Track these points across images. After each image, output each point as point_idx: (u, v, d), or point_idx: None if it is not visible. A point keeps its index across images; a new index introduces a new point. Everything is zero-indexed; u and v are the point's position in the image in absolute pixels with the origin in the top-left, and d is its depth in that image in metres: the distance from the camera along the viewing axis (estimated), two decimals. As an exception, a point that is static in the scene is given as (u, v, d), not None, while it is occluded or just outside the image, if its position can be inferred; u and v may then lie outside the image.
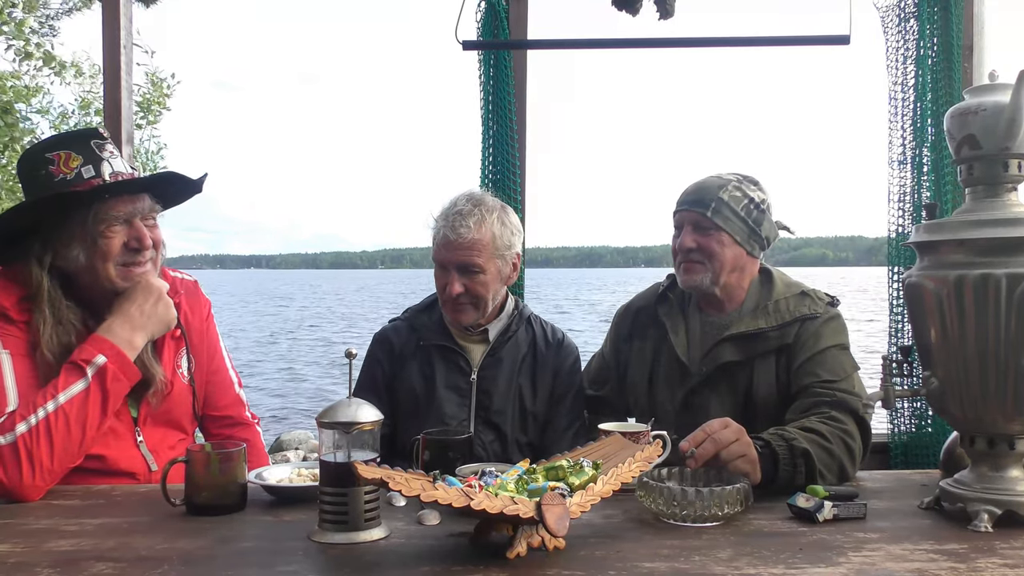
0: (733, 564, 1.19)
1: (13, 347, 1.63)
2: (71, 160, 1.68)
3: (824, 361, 1.83)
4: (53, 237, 1.68)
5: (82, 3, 7.41)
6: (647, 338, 2.07)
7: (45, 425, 1.51)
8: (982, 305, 1.34)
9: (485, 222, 1.97)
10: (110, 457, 1.71)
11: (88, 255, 1.68)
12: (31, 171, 1.71)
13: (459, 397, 2.02)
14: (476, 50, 2.69)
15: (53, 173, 1.67)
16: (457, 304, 1.99)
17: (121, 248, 1.69)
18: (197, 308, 1.96)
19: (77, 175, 1.68)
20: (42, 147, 1.74)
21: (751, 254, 1.95)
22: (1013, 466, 1.42)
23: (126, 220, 1.70)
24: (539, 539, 1.21)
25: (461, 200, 2.01)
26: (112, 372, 1.59)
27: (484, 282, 1.98)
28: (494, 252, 1.98)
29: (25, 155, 1.81)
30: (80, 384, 1.56)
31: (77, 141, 1.72)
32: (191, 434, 1.94)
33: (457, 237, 1.95)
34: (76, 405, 1.55)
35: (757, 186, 1.96)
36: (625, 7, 2.45)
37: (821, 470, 1.60)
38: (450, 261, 1.97)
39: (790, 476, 1.58)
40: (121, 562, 1.19)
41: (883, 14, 2.73)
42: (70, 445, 1.54)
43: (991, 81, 1.44)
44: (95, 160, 1.70)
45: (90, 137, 1.73)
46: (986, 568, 1.18)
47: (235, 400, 2.03)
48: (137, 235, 1.71)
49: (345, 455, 1.31)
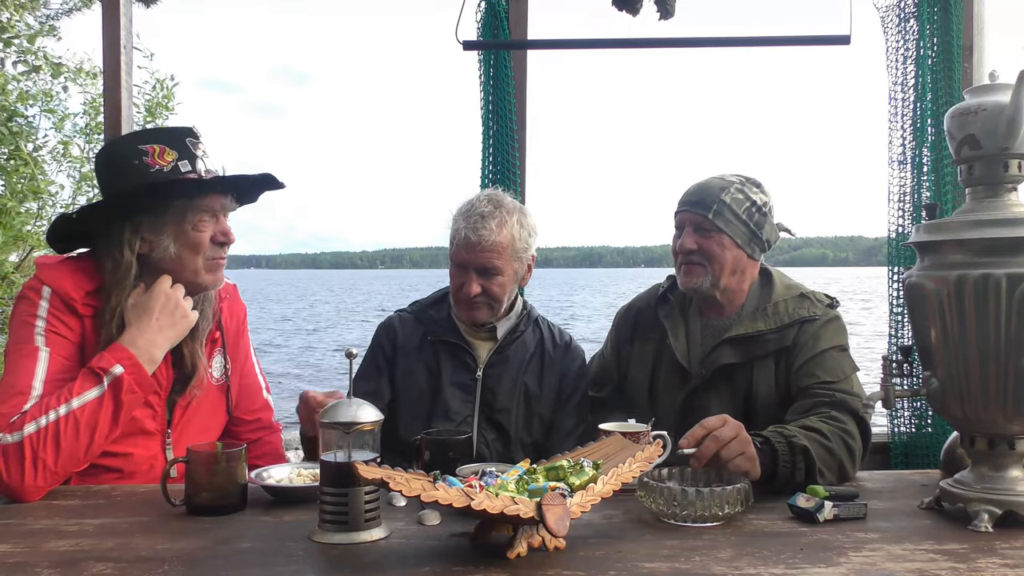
0: (733, 564, 1.19)
1: (56, 346, 1.62)
2: (166, 154, 1.69)
3: (823, 362, 1.83)
4: (144, 225, 1.69)
5: (82, 3, 7.40)
6: (647, 340, 2.07)
7: (55, 428, 1.51)
8: (982, 305, 1.34)
9: (506, 224, 1.98)
10: (137, 456, 1.71)
11: (179, 246, 1.70)
12: (121, 160, 1.70)
13: (464, 393, 2.03)
14: (476, 50, 2.69)
15: (148, 164, 1.68)
16: (472, 304, 2.00)
17: (209, 242, 1.72)
18: (235, 312, 1.98)
19: (174, 168, 1.69)
20: (132, 139, 1.75)
21: (751, 257, 1.95)
22: (1013, 466, 1.42)
23: (214, 215, 1.74)
24: (539, 539, 1.21)
25: (481, 201, 2.01)
26: (128, 384, 1.56)
27: (502, 283, 1.99)
28: (513, 254, 1.99)
29: (111, 146, 1.83)
30: (95, 391, 1.55)
31: (171, 137, 1.73)
32: (216, 438, 1.95)
33: (479, 239, 1.95)
34: (88, 412, 1.53)
35: (759, 188, 1.95)
36: (625, 7, 2.45)
37: (821, 468, 1.60)
38: (470, 262, 1.98)
39: (789, 473, 1.58)
40: (121, 562, 1.19)
41: (883, 14, 2.74)
42: (76, 450, 1.53)
43: (991, 81, 1.44)
44: (190, 156, 1.72)
45: (184, 135, 1.75)
46: (986, 568, 1.18)
47: (264, 404, 2.05)
48: (223, 229, 1.76)
49: (345, 455, 1.31)
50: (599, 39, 2.68)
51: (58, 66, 6.84)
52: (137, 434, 1.71)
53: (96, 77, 7.05)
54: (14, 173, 6.48)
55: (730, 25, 52.04)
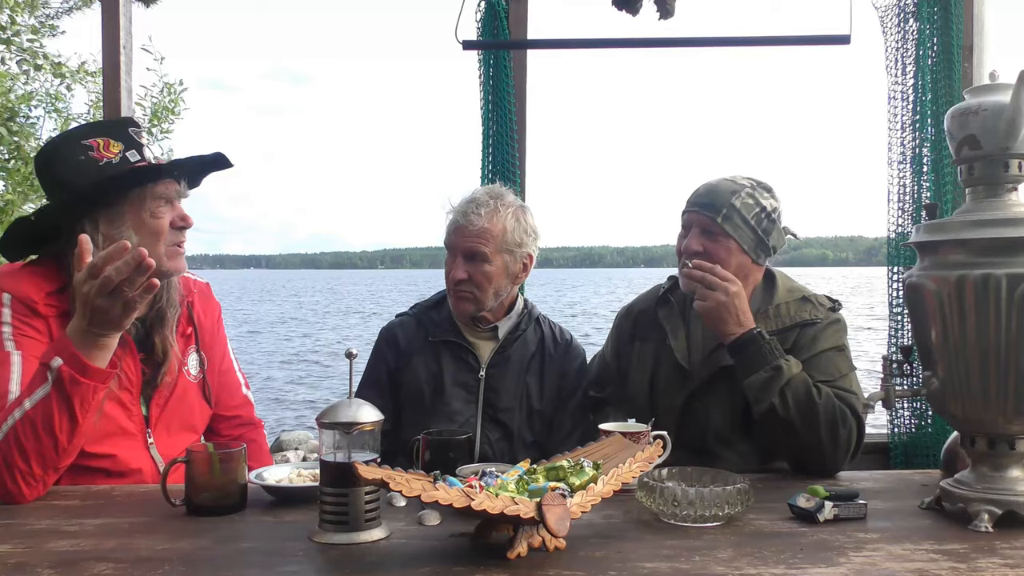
0: (734, 564, 1.19)
1: (28, 348, 1.60)
2: (111, 146, 1.68)
3: (819, 363, 1.83)
4: (102, 219, 1.67)
5: (82, 3, 7.39)
6: (648, 341, 2.06)
7: (13, 433, 1.45)
8: (983, 305, 1.34)
9: (498, 214, 2.00)
10: (120, 457, 1.70)
11: (140, 236, 1.68)
12: (66, 158, 1.68)
13: (467, 393, 2.03)
14: (476, 50, 2.69)
15: (96, 158, 1.67)
16: (459, 291, 2.01)
17: (168, 228, 1.72)
18: (209, 309, 1.98)
19: (123, 159, 1.69)
20: (75, 135, 1.73)
21: (756, 262, 1.94)
22: (1013, 466, 1.42)
23: (170, 200, 1.73)
24: (540, 539, 1.21)
25: (481, 192, 2.05)
26: (68, 375, 1.42)
27: (487, 273, 1.99)
28: (502, 245, 2.00)
29: (53, 144, 1.78)
30: (42, 390, 1.44)
31: (113, 129, 1.72)
32: (200, 434, 1.94)
33: (467, 223, 1.98)
34: (41, 411, 1.44)
35: (771, 193, 1.94)
36: (625, 7, 2.45)
37: (793, 411, 1.70)
38: (457, 246, 2.01)
39: (762, 381, 1.71)
40: (121, 562, 1.19)
41: (883, 14, 2.74)
42: (43, 451, 1.46)
43: (991, 81, 1.44)
44: (136, 146, 1.71)
45: (126, 125, 1.75)
46: (987, 568, 1.18)
47: (244, 401, 2.04)
48: (181, 214, 1.75)
49: (345, 455, 1.31)
50: (599, 39, 2.68)
51: (58, 65, 6.84)
52: (118, 434, 1.70)
53: (91, 76, 7.05)
54: (15, 173, 6.48)
55: (730, 25, 52.05)
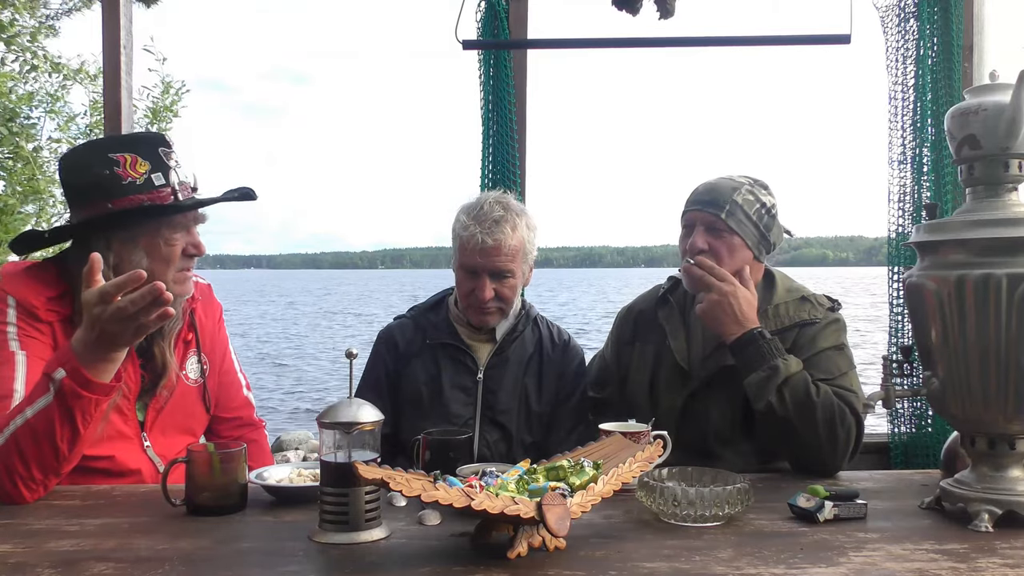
0: (734, 564, 1.19)
1: (32, 348, 1.60)
2: (138, 164, 1.66)
3: (819, 362, 1.83)
4: (116, 240, 1.66)
5: (82, 3, 7.39)
6: (648, 341, 2.06)
7: (14, 439, 1.45)
8: (983, 305, 1.34)
9: (518, 228, 1.99)
10: (119, 458, 1.71)
11: (150, 260, 1.67)
12: (90, 168, 1.66)
13: (465, 396, 2.03)
14: (476, 50, 2.69)
15: (120, 176, 1.64)
16: (485, 309, 2.00)
17: (180, 254, 1.72)
18: (210, 311, 1.97)
19: (147, 181, 1.66)
20: (104, 146, 1.71)
21: (757, 258, 1.95)
22: (1014, 466, 1.42)
23: (187, 228, 1.73)
24: (540, 539, 1.21)
25: (491, 204, 2.00)
26: (69, 388, 1.41)
27: (513, 286, 2.01)
28: (523, 257, 2.02)
29: (80, 151, 1.78)
30: (43, 399, 1.44)
31: (144, 146, 1.69)
32: (199, 437, 1.94)
33: (495, 243, 1.95)
34: (42, 420, 1.43)
35: (767, 190, 1.95)
36: (625, 7, 2.45)
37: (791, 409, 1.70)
38: (484, 267, 1.97)
39: (761, 380, 1.72)
40: (122, 562, 1.19)
41: (883, 14, 2.74)
42: (43, 458, 1.46)
43: (991, 81, 1.44)
44: (163, 168, 1.69)
45: (157, 144, 1.71)
46: (987, 568, 1.18)
47: (245, 402, 2.04)
48: (194, 242, 1.75)
49: (346, 455, 1.31)
50: (599, 39, 2.68)
51: (58, 65, 6.84)
52: (116, 437, 1.70)
53: (97, 78, 7.05)
54: (15, 175, 6.49)
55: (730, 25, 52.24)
